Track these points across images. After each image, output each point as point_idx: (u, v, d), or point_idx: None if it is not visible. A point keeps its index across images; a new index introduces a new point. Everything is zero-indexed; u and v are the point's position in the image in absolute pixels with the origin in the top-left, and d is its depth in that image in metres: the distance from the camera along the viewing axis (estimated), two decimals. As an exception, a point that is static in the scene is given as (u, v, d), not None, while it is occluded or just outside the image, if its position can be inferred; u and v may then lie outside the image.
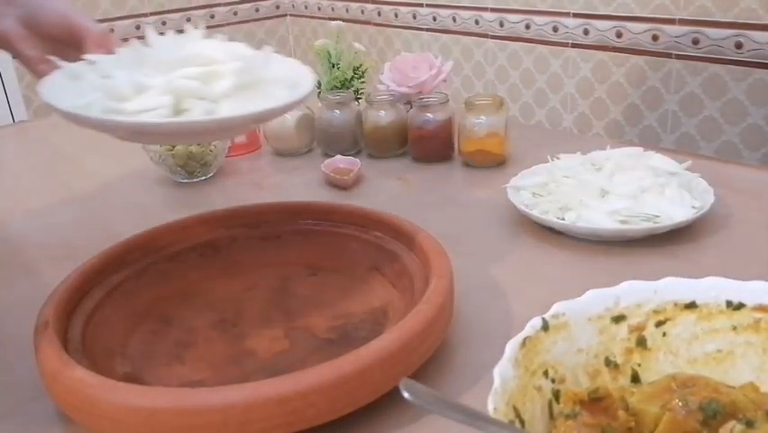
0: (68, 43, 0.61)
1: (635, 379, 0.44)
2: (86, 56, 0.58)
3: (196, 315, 0.62)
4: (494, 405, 0.36)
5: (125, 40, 0.59)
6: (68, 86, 0.56)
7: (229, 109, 0.53)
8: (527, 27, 1.89)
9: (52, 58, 0.58)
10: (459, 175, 0.95)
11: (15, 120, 2.23)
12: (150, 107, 0.52)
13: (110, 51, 0.59)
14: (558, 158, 0.85)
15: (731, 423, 0.37)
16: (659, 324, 0.44)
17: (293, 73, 0.60)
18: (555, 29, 1.83)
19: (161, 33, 0.59)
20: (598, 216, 0.71)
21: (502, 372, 0.38)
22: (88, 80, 0.56)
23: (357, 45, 1.09)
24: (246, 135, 1.08)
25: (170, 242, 0.67)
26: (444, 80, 1.06)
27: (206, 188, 0.96)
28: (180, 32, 0.60)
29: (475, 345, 0.57)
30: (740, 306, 0.44)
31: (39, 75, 0.58)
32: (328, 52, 1.08)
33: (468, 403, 0.36)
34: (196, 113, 0.53)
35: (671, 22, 1.58)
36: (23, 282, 0.73)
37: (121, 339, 0.58)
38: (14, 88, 2.24)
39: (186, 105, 0.53)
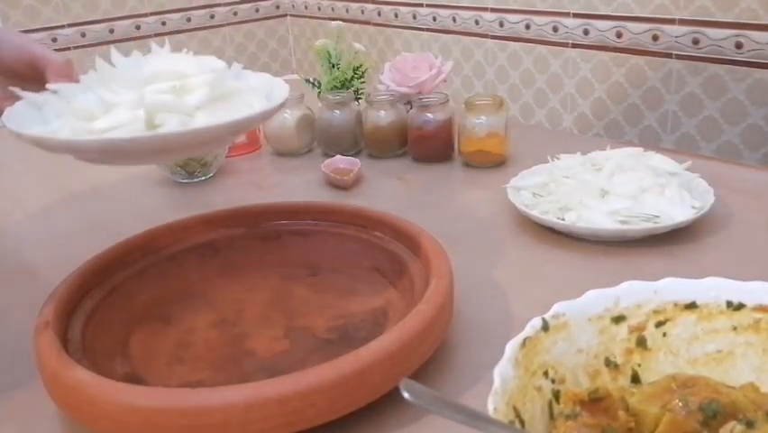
0: (29, 78, 0.58)
1: (636, 379, 0.44)
2: (49, 86, 0.55)
3: (196, 315, 0.62)
4: (494, 405, 0.36)
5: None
6: (33, 115, 0.54)
7: (205, 120, 0.51)
8: (527, 27, 1.89)
9: (14, 89, 0.56)
10: (459, 175, 0.95)
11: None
12: (122, 123, 0.50)
13: (73, 81, 0.56)
14: (558, 158, 0.85)
15: (731, 423, 0.37)
16: (659, 324, 0.44)
17: (266, 84, 0.59)
18: (555, 29, 1.82)
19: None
20: (598, 217, 0.71)
21: (502, 372, 0.38)
22: (52, 107, 0.54)
23: (357, 45, 1.09)
24: (246, 135, 1.07)
25: (170, 242, 0.67)
26: (444, 80, 1.06)
27: (206, 188, 0.96)
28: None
29: (475, 345, 0.57)
30: (740, 306, 0.44)
31: (2, 112, 0.56)
32: (328, 52, 1.08)
33: (468, 403, 0.36)
34: (171, 127, 0.50)
35: (671, 22, 1.58)
36: (23, 282, 0.73)
37: (121, 339, 0.58)
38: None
39: (159, 121, 0.51)
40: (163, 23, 2.39)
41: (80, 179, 1.02)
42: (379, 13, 2.32)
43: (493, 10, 1.97)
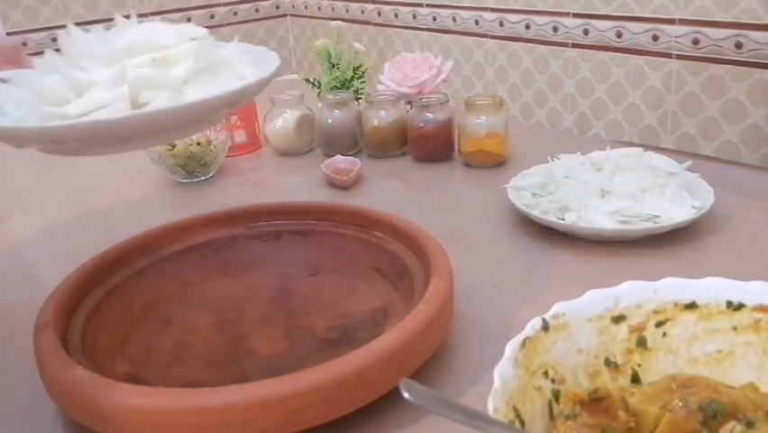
0: None
1: (636, 379, 0.44)
2: None
3: (196, 315, 0.62)
4: (494, 405, 0.36)
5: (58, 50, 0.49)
6: None
7: (197, 93, 0.46)
8: (527, 27, 1.89)
9: None
10: (459, 175, 0.95)
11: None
12: (103, 104, 0.44)
13: (23, 67, 0.49)
14: (558, 158, 0.85)
15: (731, 424, 0.37)
16: (659, 324, 0.44)
17: (251, 52, 0.53)
18: (555, 29, 1.82)
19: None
20: (599, 217, 0.71)
21: (502, 372, 0.38)
22: (8, 96, 0.47)
23: (357, 45, 1.09)
24: (246, 135, 1.07)
25: (170, 242, 0.67)
26: (444, 80, 1.06)
27: (206, 188, 0.96)
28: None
29: (475, 345, 0.57)
30: (740, 306, 0.44)
31: None
32: (328, 52, 1.08)
33: (468, 403, 0.36)
34: (161, 103, 0.44)
35: (671, 22, 1.58)
36: (23, 282, 0.73)
37: (121, 339, 0.58)
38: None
39: (144, 99, 0.45)
40: (163, 23, 2.39)
41: (80, 179, 1.02)
42: (379, 13, 2.32)
43: (493, 10, 1.97)
